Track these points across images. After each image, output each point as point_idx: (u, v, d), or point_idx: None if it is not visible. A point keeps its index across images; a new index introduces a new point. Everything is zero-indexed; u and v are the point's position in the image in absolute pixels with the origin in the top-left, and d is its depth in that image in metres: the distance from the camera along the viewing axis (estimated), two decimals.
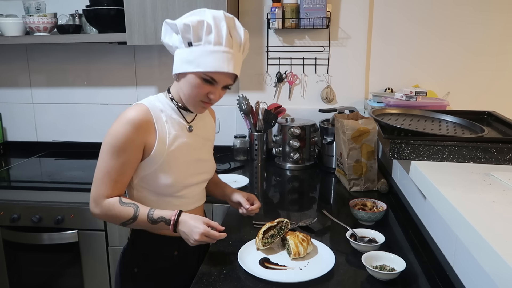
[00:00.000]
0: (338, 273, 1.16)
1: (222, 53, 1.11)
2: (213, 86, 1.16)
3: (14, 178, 2.18)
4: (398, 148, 1.21)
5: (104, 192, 1.17)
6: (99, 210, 1.18)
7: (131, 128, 1.14)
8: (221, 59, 1.11)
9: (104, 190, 1.17)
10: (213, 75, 1.13)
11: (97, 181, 1.18)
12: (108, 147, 1.16)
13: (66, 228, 1.97)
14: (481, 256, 0.74)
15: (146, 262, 1.27)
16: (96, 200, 1.18)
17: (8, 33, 2.21)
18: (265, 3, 2.29)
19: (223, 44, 1.11)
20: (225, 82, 1.16)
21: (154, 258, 1.28)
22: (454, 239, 1.05)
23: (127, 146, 1.15)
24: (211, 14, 1.13)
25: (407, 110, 1.64)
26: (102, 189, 1.17)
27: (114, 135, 1.15)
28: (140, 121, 1.15)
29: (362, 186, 1.82)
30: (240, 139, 2.37)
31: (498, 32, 2.19)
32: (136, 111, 1.17)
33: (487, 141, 1.19)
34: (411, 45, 2.25)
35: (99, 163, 1.18)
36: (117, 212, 1.17)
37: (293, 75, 2.35)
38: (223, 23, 1.12)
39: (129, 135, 1.14)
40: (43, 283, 2.08)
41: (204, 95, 1.17)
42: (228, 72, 1.13)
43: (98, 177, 1.18)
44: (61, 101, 2.58)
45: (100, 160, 1.18)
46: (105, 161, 1.16)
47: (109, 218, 1.19)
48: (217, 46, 1.11)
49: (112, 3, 2.09)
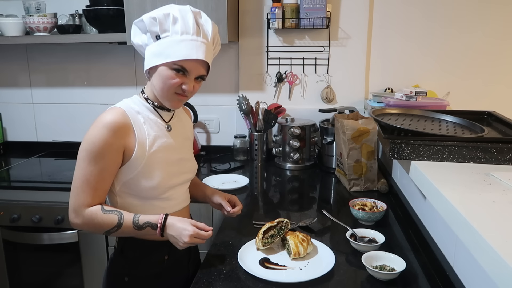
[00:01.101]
0: (338, 273, 1.16)
1: (190, 41, 1.11)
2: (186, 77, 1.14)
3: (14, 178, 2.18)
4: (398, 148, 1.21)
5: (84, 201, 1.12)
6: (80, 221, 1.13)
7: (108, 132, 1.11)
8: (189, 47, 1.11)
9: (84, 199, 1.12)
10: (183, 64, 1.12)
11: (75, 189, 1.13)
12: (85, 154, 1.11)
13: (66, 228, 1.96)
14: (481, 256, 0.74)
15: (136, 270, 1.23)
16: (76, 210, 1.13)
17: (8, 33, 2.21)
18: (265, 3, 2.29)
19: (190, 33, 1.12)
20: (197, 72, 1.15)
21: (144, 265, 1.24)
22: (454, 239, 1.05)
23: (105, 151, 1.11)
24: (177, 7, 1.14)
25: (407, 110, 1.64)
26: (82, 198, 1.12)
27: (90, 140, 1.11)
28: (118, 124, 1.12)
29: (362, 186, 1.82)
30: (240, 139, 2.38)
31: (499, 32, 2.19)
32: (112, 114, 1.14)
33: (487, 141, 1.19)
34: (411, 45, 2.25)
35: (77, 171, 1.13)
36: (100, 221, 1.12)
37: (293, 75, 2.35)
38: (189, 14, 1.13)
39: (106, 140, 1.11)
40: (43, 283, 2.08)
41: (177, 87, 1.14)
42: (198, 60, 1.12)
43: (76, 186, 1.13)
44: (61, 101, 2.58)
45: (78, 168, 1.13)
46: (83, 168, 1.12)
47: (92, 228, 1.14)
48: (184, 35, 1.11)
49: (112, 3, 2.09)
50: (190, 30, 1.12)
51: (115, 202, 1.21)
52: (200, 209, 1.79)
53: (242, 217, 1.54)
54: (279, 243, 1.31)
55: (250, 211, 1.64)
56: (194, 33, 1.12)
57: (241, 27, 2.32)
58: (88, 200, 1.13)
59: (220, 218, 1.73)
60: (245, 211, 1.64)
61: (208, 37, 1.16)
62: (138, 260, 1.24)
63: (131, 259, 1.24)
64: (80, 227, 1.15)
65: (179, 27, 1.11)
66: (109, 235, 1.16)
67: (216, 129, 2.49)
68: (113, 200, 1.22)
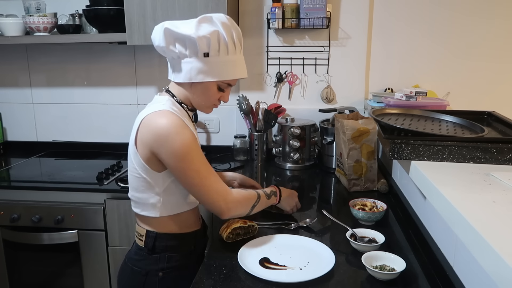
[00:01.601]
0: (338, 273, 1.16)
1: (236, 61, 1.22)
2: (225, 91, 1.27)
3: (14, 178, 2.18)
4: (398, 148, 1.21)
5: (223, 188, 1.22)
6: (234, 205, 1.23)
7: (183, 129, 1.17)
8: (237, 67, 1.23)
9: (222, 187, 1.22)
10: (230, 82, 1.24)
11: (210, 187, 1.20)
12: (189, 157, 1.17)
13: (66, 228, 1.96)
14: (481, 256, 0.74)
15: (170, 264, 1.28)
16: (225, 200, 1.21)
17: (8, 33, 2.21)
18: (265, 3, 2.29)
19: (235, 52, 1.22)
20: (234, 84, 1.28)
21: (176, 258, 1.29)
22: (454, 239, 1.05)
23: (197, 144, 1.20)
24: (219, 21, 1.18)
25: (407, 110, 1.64)
26: (220, 187, 1.22)
27: (180, 145, 1.15)
28: (182, 122, 1.18)
29: (362, 186, 1.82)
30: (240, 139, 2.38)
31: (499, 32, 2.19)
32: (169, 116, 1.17)
33: (487, 141, 1.19)
34: (411, 45, 2.25)
35: (196, 174, 1.18)
36: (246, 197, 1.27)
37: (293, 75, 2.35)
38: (231, 30, 1.20)
39: (189, 135, 1.17)
40: (43, 283, 2.08)
41: (217, 99, 1.28)
42: None
43: (208, 184, 1.20)
44: (61, 101, 2.58)
45: (194, 172, 1.18)
46: (199, 167, 1.18)
47: (244, 207, 1.27)
48: (231, 55, 1.21)
49: (112, 3, 2.09)
50: (235, 49, 1.22)
51: (156, 202, 1.25)
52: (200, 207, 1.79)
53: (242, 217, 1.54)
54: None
55: None
56: (238, 52, 1.23)
57: (241, 27, 2.32)
58: (224, 185, 1.24)
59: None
60: None
61: (242, 48, 1.26)
62: (170, 254, 1.29)
63: (164, 254, 1.28)
64: (236, 211, 1.26)
65: (227, 48, 1.19)
66: (250, 213, 1.30)
67: (216, 129, 2.49)
68: (155, 200, 1.25)
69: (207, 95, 1.25)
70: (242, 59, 1.26)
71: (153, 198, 1.25)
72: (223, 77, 1.21)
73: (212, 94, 1.25)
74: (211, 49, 1.17)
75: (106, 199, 1.93)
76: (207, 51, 1.17)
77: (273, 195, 1.39)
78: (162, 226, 1.29)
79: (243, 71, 1.26)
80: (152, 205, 1.26)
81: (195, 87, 1.24)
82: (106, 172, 2.06)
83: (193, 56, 1.18)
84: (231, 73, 1.22)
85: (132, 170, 1.26)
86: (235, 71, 1.23)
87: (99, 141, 2.56)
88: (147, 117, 1.20)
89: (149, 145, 1.18)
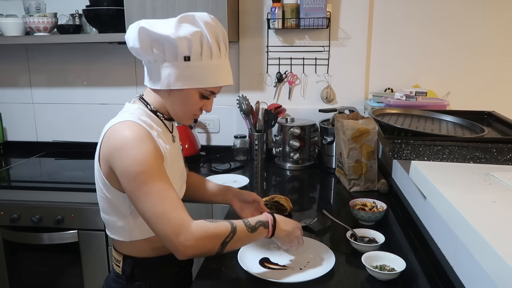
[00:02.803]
0: (338, 273, 1.16)
1: (220, 65, 1.07)
2: (209, 99, 1.12)
3: (14, 178, 2.18)
4: (398, 148, 1.21)
5: (182, 217, 0.98)
6: (192, 238, 0.96)
7: (143, 143, 1.01)
8: (221, 72, 1.08)
9: (181, 216, 0.98)
10: (213, 89, 1.09)
11: (163, 215, 0.97)
12: (145, 176, 0.98)
13: (66, 228, 1.96)
14: (481, 256, 0.74)
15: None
16: (181, 233, 0.96)
17: (8, 33, 2.21)
18: (265, 3, 2.29)
19: (220, 55, 1.07)
20: (218, 92, 1.13)
21: (159, 284, 1.19)
22: (454, 239, 1.05)
23: (157, 160, 1.01)
24: (201, 20, 1.03)
25: (407, 110, 1.64)
26: (178, 216, 0.97)
27: (137, 161, 0.98)
28: (144, 133, 1.03)
29: (362, 186, 1.82)
30: (240, 139, 2.38)
31: (499, 31, 2.19)
32: (130, 128, 1.03)
33: (487, 141, 1.19)
34: (411, 45, 2.25)
35: (149, 198, 0.98)
36: (214, 231, 0.99)
37: (293, 75, 2.35)
38: (216, 31, 1.05)
39: (148, 150, 1.00)
40: (43, 283, 2.08)
41: (198, 109, 1.12)
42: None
43: (161, 211, 0.97)
44: (61, 101, 2.58)
45: (147, 195, 0.98)
46: (154, 190, 0.98)
47: (207, 242, 0.99)
48: (215, 59, 1.06)
49: (112, 3, 2.09)
50: (220, 52, 1.07)
51: (126, 223, 1.11)
52: (200, 208, 1.79)
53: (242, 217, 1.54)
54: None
55: None
56: (223, 56, 1.08)
57: (241, 27, 2.32)
58: (184, 214, 0.99)
59: (220, 218, 1.73)
60: None
61: (227, 51, 1.12)
62: (152, 281, 1.17)
63: (144, 282, 1.16)
64: (195, 249, 0.98)
65: (210, 51, 1.04)
66: (221, 252, 1.02)
67: (216, 129, 2.49)
68: (123, 222, 1.11)
69: (188, 104, 1.09)
70: (228, 63, 1.11)
71: (120, 221, 1.11)
72: (206, 84, 1.06)
73: (193, 103, 1.09)
74: (193, 52, 1.02)
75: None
76: (188, 54, 1.02)
77: (260, 226, 1.08)
78: (137, 250, 1.14)
79: (228, 78, 1.10)
80: (120, 228, 1.12)
81: (174, 95, 1.08)
82: None
83: (172, 60, 1.03)
84: (215, 79, 1.07)
85: (98, 189, 1.12)
86: (219, 77, 1.07)
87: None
88: (111, 128, 1.05)
89: (107, 159, 1.04)
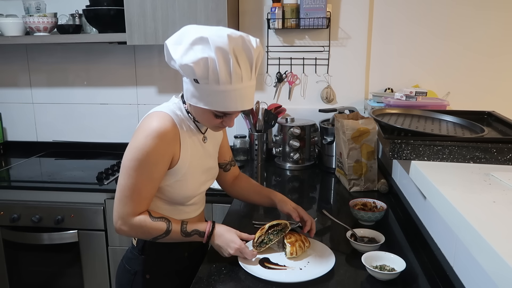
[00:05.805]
0: (338, 273, 1.16)
1: (231, 91, 1.03)
2: (226, 117, 1.12)
3: (14, 178, 2.18)
4: (398, 148, 1.21)
5: (133, 210, 1.11)
6: (127, 228, 1.12)
7: (160, 142, 1.07)
8: (231, 99, 1.04)
9: (133, 208, 1.11)
10: (225, 112, 1.10)
11: (124, 198, 1.10)
12: (136, 163, 1.07)
13: (66, 228, 1.97)
14: (481, 256, 0.74)
15: (158, 268, 1.26)
16: (123, 218, 1.11)
17: (8, 33, 2.21)
18: (265, 3, 2.29)
19: (231, 82, 1.02)
20: (238, 112, 1.13)
21: (166, 262, 1.26)
22: (454, 239, 1.05)
23: (157, 161, 1.09)
24: (214, 45, 0.99)
25: (407, 110, 1.64)
26: (130, 206, 1.10)
27: (141, 149, 1.07)
28: (168, 133, 1.09)
29: (362, 186, 1.82)
30: (240, 139, 2.37)
31: (499, 31, 2.19)
32: (160, 121, 1.09)
33: (487, 141, 1.19)
34: (411, 45, 2.25)
35: (125, 179, 1.09)
36: (148, 228, 1.12)
37: (293, 75, 2.35)
38: (229, 57, 1.00)
39: (158, 149, 1.07)
40: (43, 283, 2.08)
41: (217, 124, 1.14)
42: None
43: (125, 195, 1.10)
44: (61, 101, 2.58)
45: (126, 176, 1.09)
46: (133, 177, 1.08)
47: (140, 234, 1.16)
48: (223, 85, 1.02)
49: (112, 3, 2.09)
50: (232, 79, 1.02)
51: None
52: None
53: (242, 217, 1.54)
54: (280, 241, 1.29)
55: (250, 211, 1.64)
56: (236, 81, 1.03)
57: (241, 27, 2.32)
58: (137, 208, 1.11)
59: (220, 218, 1.73)
60: (245, 211, 1.64)
61: (250, 72, 1.05)
62: (159, 258, 1.25)
63: (153, 257, 1.25)
64: (126, 233, 1.14)
65: (219, 77, 1.01)
66: (155, 241, 1.16)
67: None
68: None
69: (203, 119, 1.13)
70: (247, 87, 1.06)
71: None
72: (214, 107, 1.06)
73: (208, 119, 1.12)
74: (198, 77, 1.02)
75: (106, 199, 1.93)
76: (195, 78, 1.03)
77: (195, 234, 1.17)
78: None
79: (240, 103, 1.06)
80: None
81: (193, 108, 1.13)
82: (106, 172, 2.05)
83: (186, 78, 1.08)
84: (223, 104, 1.05)
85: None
86: (228, 103, 1.04)
87: (99, 141, 2.56)
88: (149, 114, 1.15)
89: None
